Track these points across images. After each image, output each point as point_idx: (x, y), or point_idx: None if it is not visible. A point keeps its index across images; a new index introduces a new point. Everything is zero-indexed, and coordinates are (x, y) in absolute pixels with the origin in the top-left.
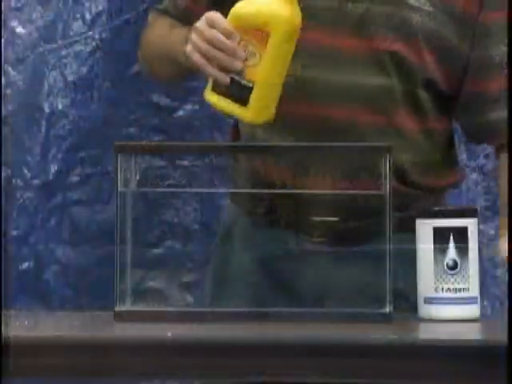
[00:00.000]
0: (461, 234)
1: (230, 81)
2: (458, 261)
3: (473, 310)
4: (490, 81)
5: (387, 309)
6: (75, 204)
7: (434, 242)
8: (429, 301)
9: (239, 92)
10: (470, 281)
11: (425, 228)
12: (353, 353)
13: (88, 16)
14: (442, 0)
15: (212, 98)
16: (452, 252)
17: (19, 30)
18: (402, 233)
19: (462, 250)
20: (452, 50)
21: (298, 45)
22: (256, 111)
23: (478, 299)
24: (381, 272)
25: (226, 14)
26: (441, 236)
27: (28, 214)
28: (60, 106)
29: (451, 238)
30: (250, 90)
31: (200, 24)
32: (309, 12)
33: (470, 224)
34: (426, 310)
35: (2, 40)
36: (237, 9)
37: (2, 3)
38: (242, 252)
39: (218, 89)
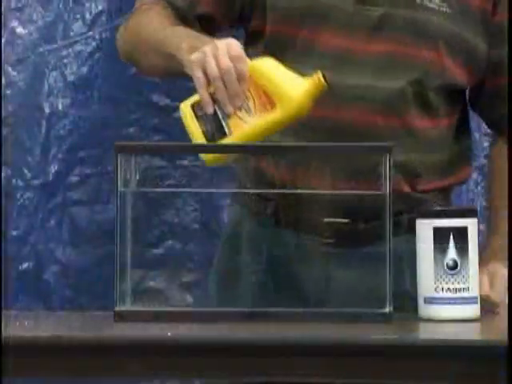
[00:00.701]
0: (461, 234)
1: (212, 112)
2: (458, 261)
3: (473, 310)
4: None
5: (387, 309)
6: (75, 204)
7: (434, 242)
8: (429, 301)
9: (212, 129)
10: (470, 281)
11: (425, 228)
12: (353, 353)
13: (88, 16)
14: (459, 1)
15: (185, 110)
16: (452, 252)
17: (19, 30)
18: (409, 234)
19: (462, 249)
20: (471, 51)
21: (314, 46)
22: (214, 157)
23: (478, 299)
24: (382, 272)
25: (229, 17)
26: (441, 236)
27: (28, 214)
28: (60, 107)
29: (451, 237)
30: (223, 137)
31: (222, 47)
32: (325, 13)
33: (470, 224)
34: (426, 310)
35: (2, 40)
36: (262, 65)
37: (2, 3)
38: (248, 252)
39: (196, 109)
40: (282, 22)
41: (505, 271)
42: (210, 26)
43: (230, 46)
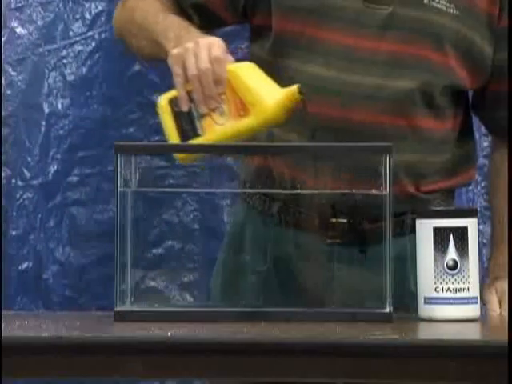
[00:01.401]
0: (461, 234)
1: (187, 111)
2: (458, 261)
3: (473, 310)
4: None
5: (387, 309)
6: (75, 204)
7: (434, 242)
8: (429, 301)
9: (186, 127)
10: (470, 281)
11: (425, 228)
12: (353, 353)
13: (88, 16)
14: (467, 3)
15: (163, 104)
16: (452, 252)
17: (19, 30)
18: (414, 234)
19: (462, 250)
20: (477, 53)
21: (321, 44)
22: (186, 156)
23: (478, 299)
24: (382, 272)
25: (232, 10)
26: (441, 236)
27: (28, 214)
28: (60, 106)
29: (451, 237)
30: (196, 136)
31: (203, 45)
32: (333, 11)
33: (470, 224)
34: (426, 310)
35: (2, 40)
36: (241, 70)
37: (2, 3)
38: (254, 251)
39: (173, 105)
40: (289, 19)
41: None
42: (212, 22)
43: (212, 46)
